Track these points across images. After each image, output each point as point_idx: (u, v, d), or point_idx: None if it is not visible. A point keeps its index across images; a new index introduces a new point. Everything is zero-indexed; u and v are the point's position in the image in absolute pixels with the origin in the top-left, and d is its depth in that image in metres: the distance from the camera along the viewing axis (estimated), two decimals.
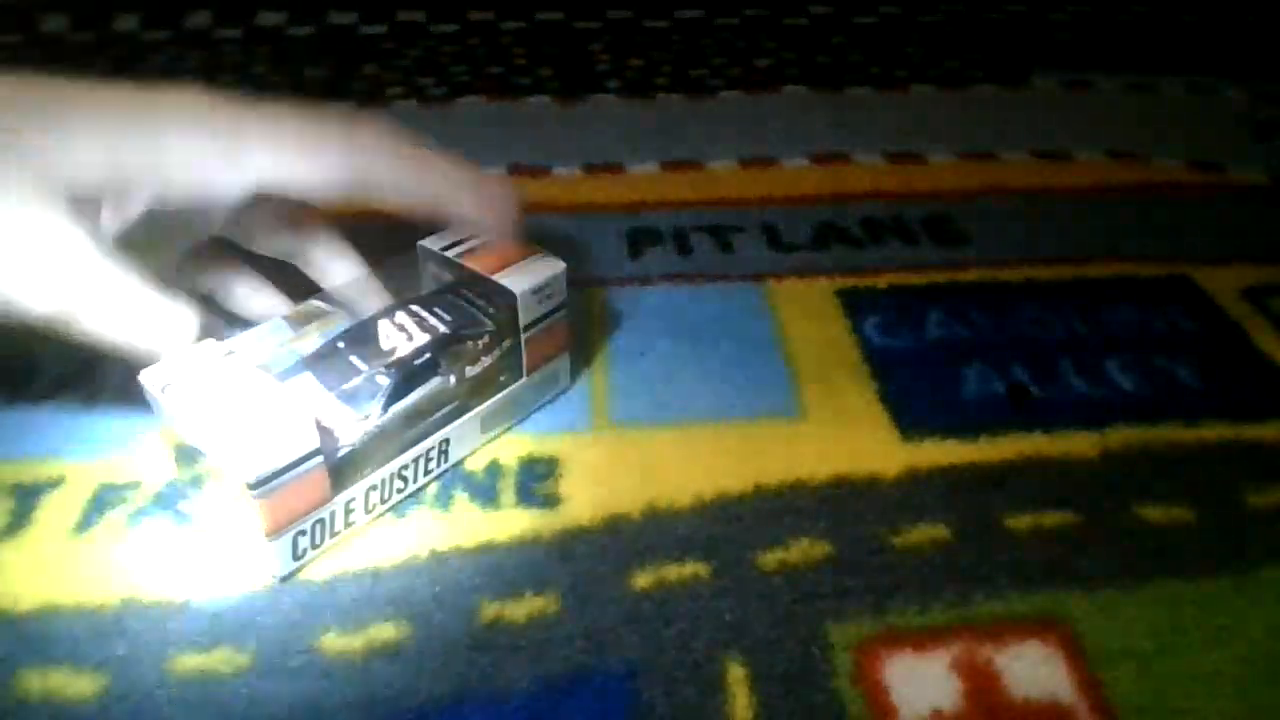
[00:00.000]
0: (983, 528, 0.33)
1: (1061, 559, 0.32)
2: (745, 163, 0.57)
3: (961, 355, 0.41)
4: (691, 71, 0.69)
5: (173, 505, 0.34)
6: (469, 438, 0.36)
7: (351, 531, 0.33)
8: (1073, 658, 0.29)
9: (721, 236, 0.49)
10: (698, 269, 0.47)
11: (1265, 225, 0.51)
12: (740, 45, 0.73)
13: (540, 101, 0.64)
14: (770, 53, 0.72)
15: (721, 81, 0.67)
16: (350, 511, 0.32)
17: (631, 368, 0.40)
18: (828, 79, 0.67)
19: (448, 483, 0.35)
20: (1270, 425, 0.38)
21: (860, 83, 0.67)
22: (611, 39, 0.74)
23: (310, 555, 0.31)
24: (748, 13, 0.79)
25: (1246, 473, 0.36)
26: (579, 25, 0.76)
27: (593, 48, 0.73)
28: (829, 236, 0.50)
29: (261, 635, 0.29)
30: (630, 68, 0.69)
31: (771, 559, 0.32)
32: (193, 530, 0.33)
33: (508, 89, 0.66)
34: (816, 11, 0.79)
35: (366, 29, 0.75)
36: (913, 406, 0.38)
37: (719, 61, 0.70)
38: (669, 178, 0.55)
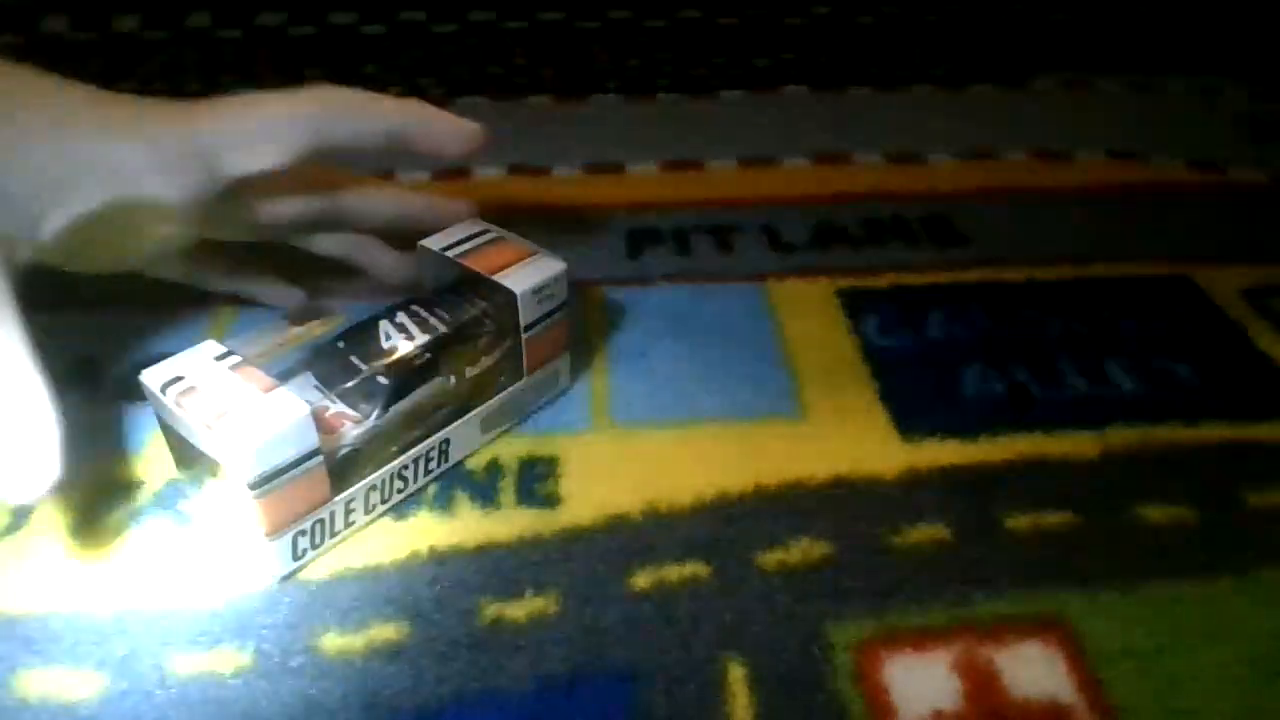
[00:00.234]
0: (983, 528, 0.33)
1: (1061, 559, 0.32)
2: (745, 163, 0.57)
3: (961, 355, 0.41)
4: (691, 71, 0.69)
5: (173, 505, 0.34)
6: (469, 438, 0.36)
7: (351, 531, 0.33)
8: (1073, 658, 0.29)
9: (721, 236, 0.49)
10: (698, 269, 0.47)
11: (1265, 225, 0.51)
12: (740, 45, 0.73)
13: (540, 101, 0.64)
14: (770, 53, 0.72)
15: (721, 81, 0.67)
16: (350, 511, 0.32)
17: (631, 368, 0.40)
18: (828, 79, 0.67)
19: (448, 483, 0.35)
20: (1270, 425, 0.38)
21: (860, 83, 0.67)
22: (611, 39, 0.74)
23: (310, 555, 0.31)
24: (748, 13, 0.78)
25: (1246, 473, 0.36)
26: (579, 25, 0.76)
27: (593, 48, 0.73)
28: (829, 236, 0.49)
29: (261, 635, 0.29)
30: (630, 68, 0.69)
31: (771, 559, 0.32)
32: (193, 530, 0.33)
33: (508, 89, 0.66)
34: (816, 11, 0.79)
35: (366, 29, 0.75)
36: (913, 406, 0.38)
37: (719, 61, 0.70)
38: (669, 178, 0.55)
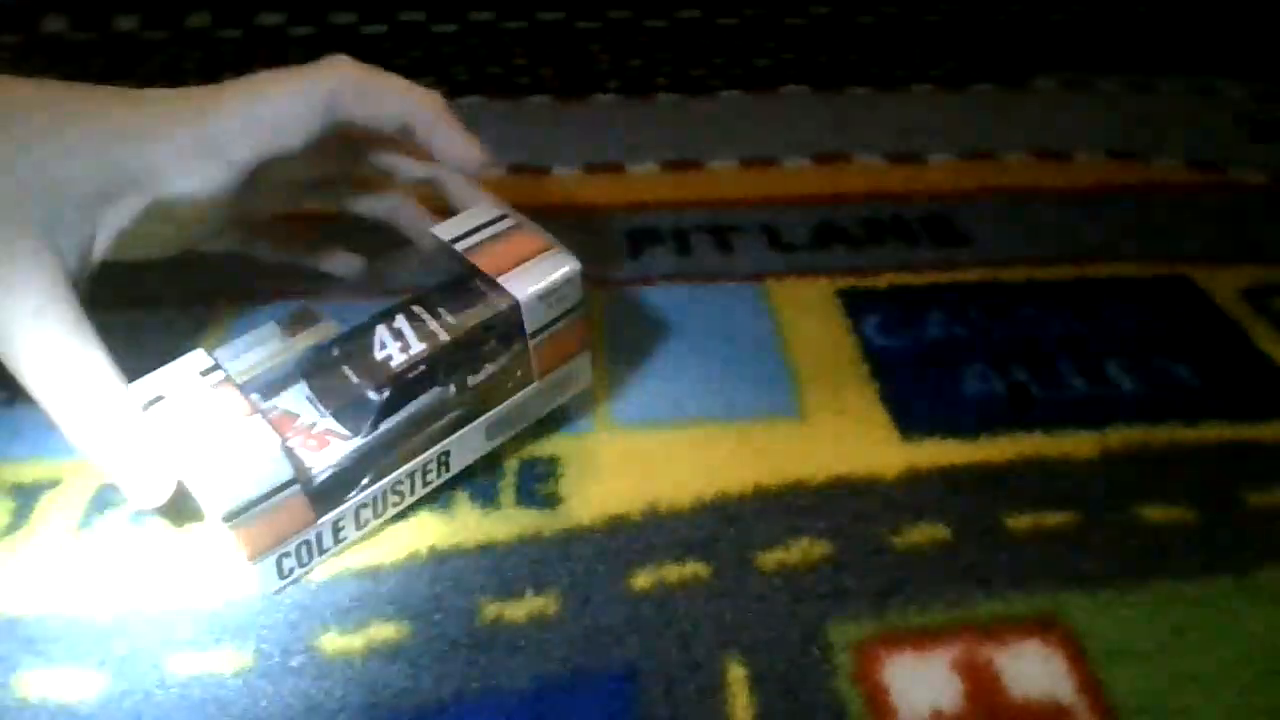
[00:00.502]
0: (983, 528, 0.33)
1: (1061, 559, 0.32)
2: (745, 163, 0.57)
3: (961, 355, 0.41)
4: (691, 71, 0.69)
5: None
6: (472, 447, 0.34)
7: (344, 546, 0.32)
8: (1073, 658, 0.29)
9: (721, 236, 0.49)
10: (698, 269, 0.47)
11: (1265, 225, 0.51)
12: (740, 45, 0.73)
13: (540, 101, 0.64)
14: (770, 53, 0.72)
15: (721, 81, 0.67)
16: (340, 529, 0.31)
17: (631, 368, 0.40)
18: (828, 79, 0.67)
19: (448, 483, 0.35)
20: (1270, 425, 0.38)
21: (860, 83, 0.67)
22: (611, 39, 0.74)
23: (299, 573, 0.31)
24: (748, 13, 0.78)
25: (1246, 473, 0.36)
26: (579, 25, 0.76)
27: (593, 48, 0.72)
28: (829, 236, 0.49)
29: (261, 635, 0.29)
30: (630, 68, 0.69)
31: (771, 559, 0.32)
32: (193, 530, 0.33)
33: (508, 89, 0.66)
34: (816, 11, 0.79)
35: (366, 29, 0.74)
36: (913, 406, 0.38)
37: (719, 61, 0.70)
38: (669, 178, 0.55)
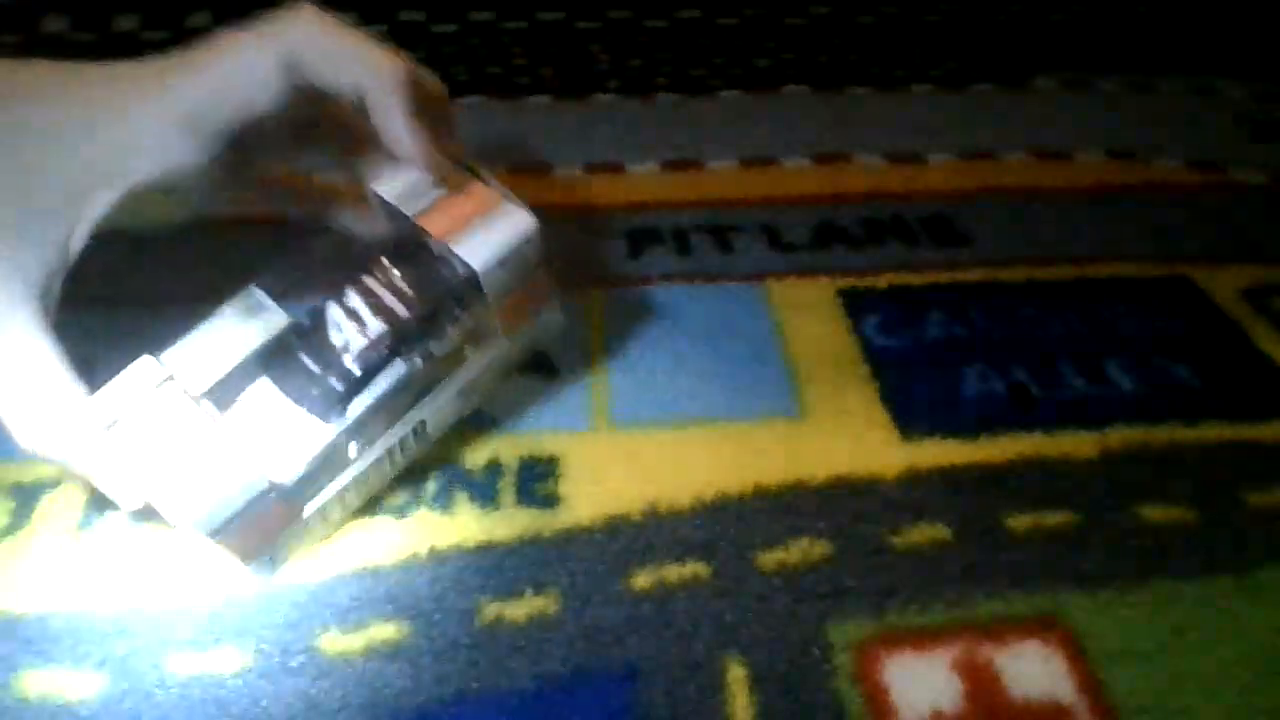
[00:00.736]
0: (983, 528, 0.33)
1: (1061, 559, 0.32)
2: (745, 163, 0.57)
3: (961, 355, 0.41)
4: (691, 71, 0.69)
5: None
6: (447, 412, 0.34)
7: (334, 528, 0.32)
8: (1073, 658, 0.29)
9: (721, 236, 0.49)
10: (698, 269, 0.47)
11: (1265, 225, 0.51)
12: (740, 45, 0.73)
13: (540, 101, 0.64)
14: (770, 53, 0.72)
15: (721, 81, 0.67)
16: (326, 514, 0.32)
17: (631, 368, 0.40)
18: (828, 79, 0.67)
19: (447, 482, 0.35)
20: (1270, 425, 0.38)
21: (860, 83, 0.67)
22: (611, 39, 0.74)
23: (290, 559, 0.31)
24: (748, 13, 0.78)
25: (1246, 473, 0.36)
26: (579, 25, 0.76)
27: (593, 48, 0.72)
28: (829, 236, 0.49)
29: (261, 635, 0.29)
30: (630, 68, 0.69)
31: (771, 559, 0.32)
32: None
33: (508, 89, 0.66)
34: (816, 11, 0.79)
35: (366, 29, 0.74)
36: (913, 406, 0.38)
37: (719, 61, 0.70)
38: (669, 178, 0.55)
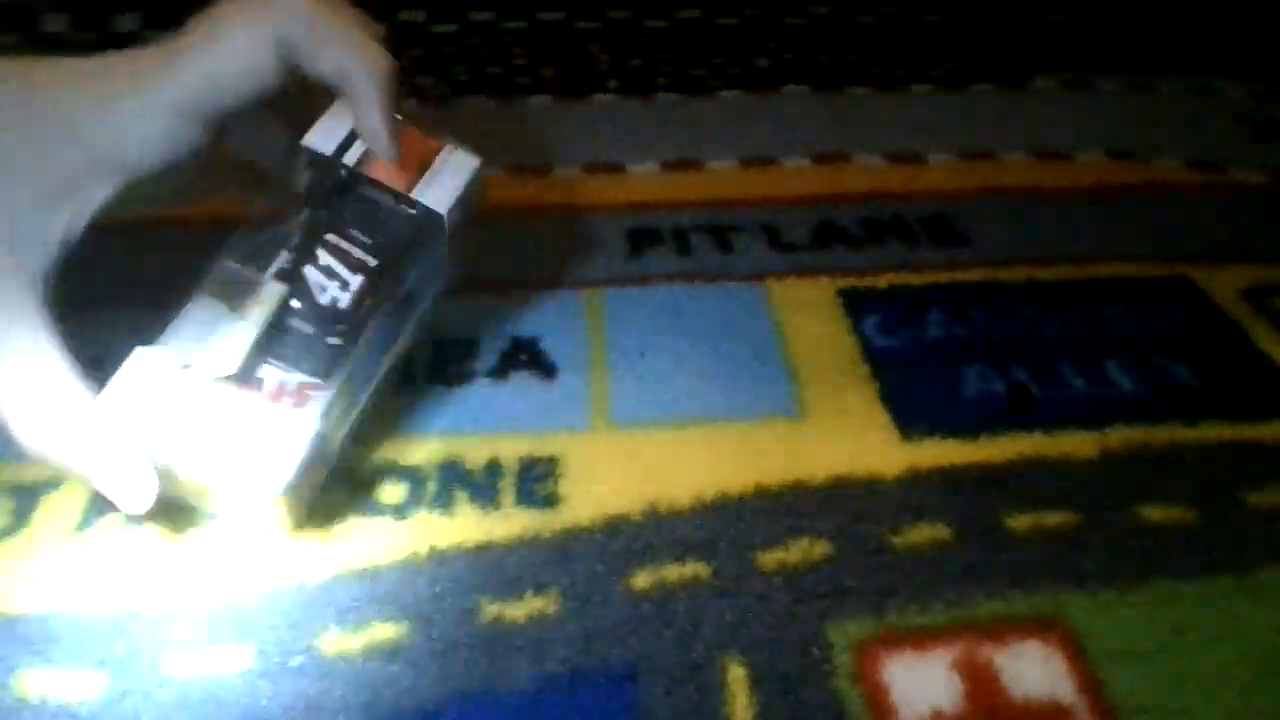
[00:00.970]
0: (983, 528, 0.33)
1: (1061, 559, 0.32)
2: (745, 163, 0.57)
3: (961, 355, 0.41)
4: (691, 71, 0.69)
5: (173, 505, 0.34)
6: (410, 343, 0.37)
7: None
8: (1073, 658, 0.29)
9: (721, 236, 0.49)
10: (698, 269, 0.47)
11: (1265, 225, 0.51)
12: (740, 45, 0.73)
13: (540, 101, 0.64)
14: (770, 53, 0.72)
15: (721, 81, 0.67)
16: (329, 459, 0.33)
17: (631, 368, 0.40)
18: (828, 79, 0.67)
19: (447, 483, 0.35)
20: (1270, 425, 0.38)
21: (860, 83, 0.67)
22: (611, 39, 0.74)
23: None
24: (748, 13, 0.78)
25: (1246, 473, 0.36)
26: (579, 25, 0.76)
27: (593, 48, 0.72)
28: (829, 236, 0.49)
29: (261, 635, 0.29)
30: (630, 68, 0.69)
31: (771, 559, 0.32)
32: (193, 530, 0.33)
33: (508, 89, 0.66)
34: (816, 11, 0.79)
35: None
36: (913, 406, 0.38)
37: (719, 61, 0.70)
38: (669, 178, 0.55)
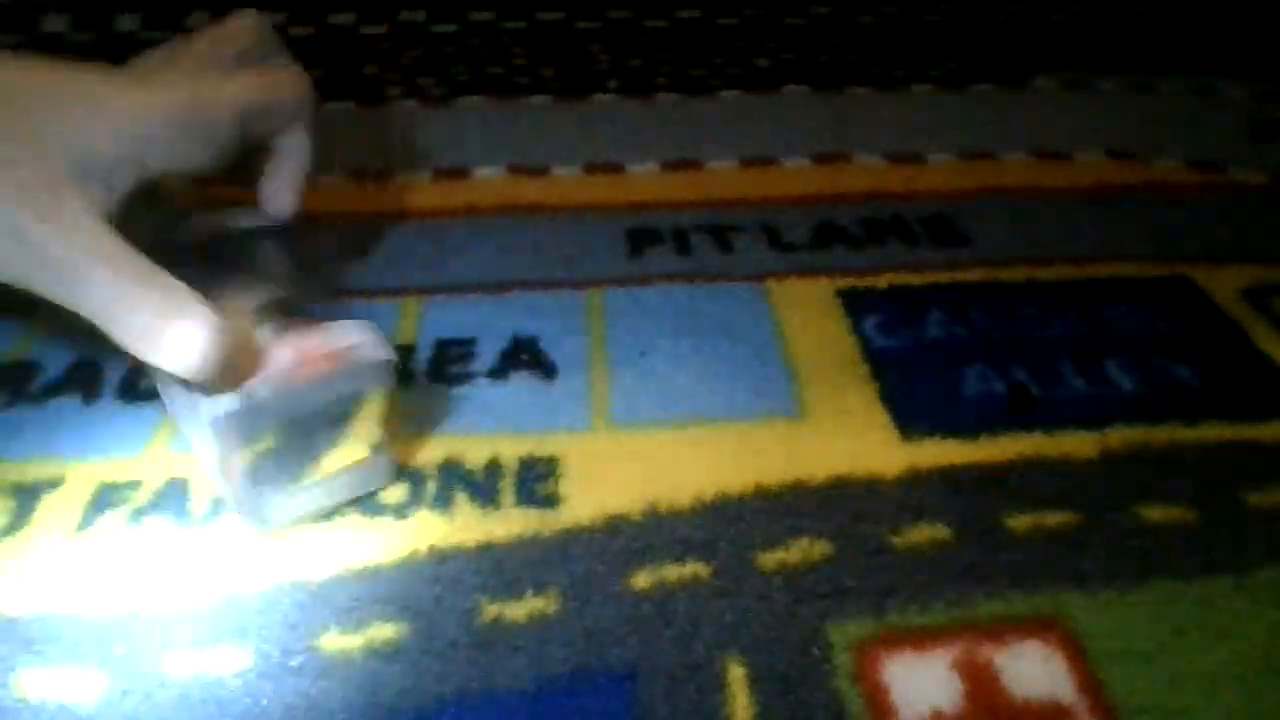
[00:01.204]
0: (983, 528, 0.33)
1: (1061, 559, 0.32)
2: (745, 163, 0.57)
3: (961, 355, 0.41)
4: (691, 71, 0.69)
5: (173, 505, 0.34)
6: None
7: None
8: (1073, 658, 0.29)
9: (721, 236, 0.49)
10: (698, 269, 0.47)
11: (1265, 225, 0.51)
12: (740, 45, 0.73)
13: (540, 101, 0.64)
14: (770, 53, 0.72)
15: (721, 81, 0.67)
16: None
17: (631, 368, 0.40)
18: (828, 79, 0.67)
19: (447, 483, 0.35)
20: (1270, 425, 0.38)
21: (860, 83, 0.67)
22: (611, 39, 0.74)
23: None
24: (748, 13, 0.78)
25: (1246, 473, 0.36)
26: (579, 25, 0.76)
27: (593, 48, 0.73)
28: (829, 236, 0.49)
29: (261, 635, 0.29)
30: (630, 68, 0.69)
31: (771, 559, 0.32)
32: (193, 530, 0.33)
33: (508, 89, 0.66)
34: (816, 11, 0.79)
35: (366, 29, 0.75)
36: (913, 406, 0.38)
37: (719, 61, 0.70)
38: (669, 178, 0.55)
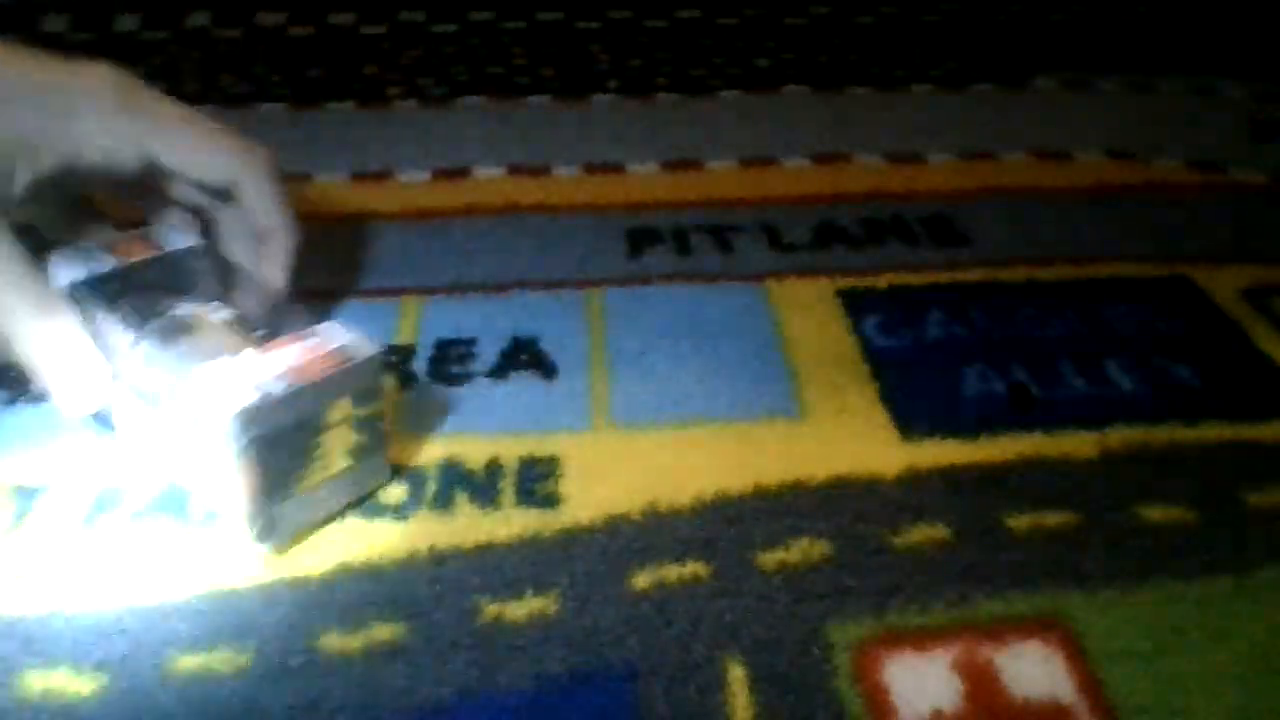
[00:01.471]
0: (983, 528, 0.33)
1: (1061, 559, 0.32)
2: (745, 163, 0.57)
3: (961, 355, 0.41)
4: (691, 71, 0.69)
5: (173, 505, 0.34)
6: None
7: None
8: (1073, 658, 0.29)
9: (721, 236, 0.49)
10: (698, 269, 0.47)
11: (1265, 225, 0.51)
12: (740, 45, 0.73)
13: (540, 101, 0.64)
14: (770, 53, 0.72)
15: (721, 81, 0.67)
16: None
17: (631, 368, 0.40)
18: (828, 79, 0.67)
19: (448, 483, 0.35)
20: (1270, 425, 0.38)
21: (860, 83, 0.67)
22: (611, 39, 0.74)
23: None
24: (748, 13, 0.79)
25: (1246, 473, 0.36)
26: (579, 25, 0.76)
27: (593, 48, 0.73)
28: (829, 236, 0.49)
29: (261, 635, 0.29)
30: (630, 68, 0.69)
31: (771, 559, 0.32)
32: (193, 530, 0.33)
33: (508, 89, 0.66)
34: (816, 11, 0.79)
35: (366, 29, 0.75)
36: (913, 406, 0.38)
37: (719, 61, 0.70)
38: (669, 178, 0.55)
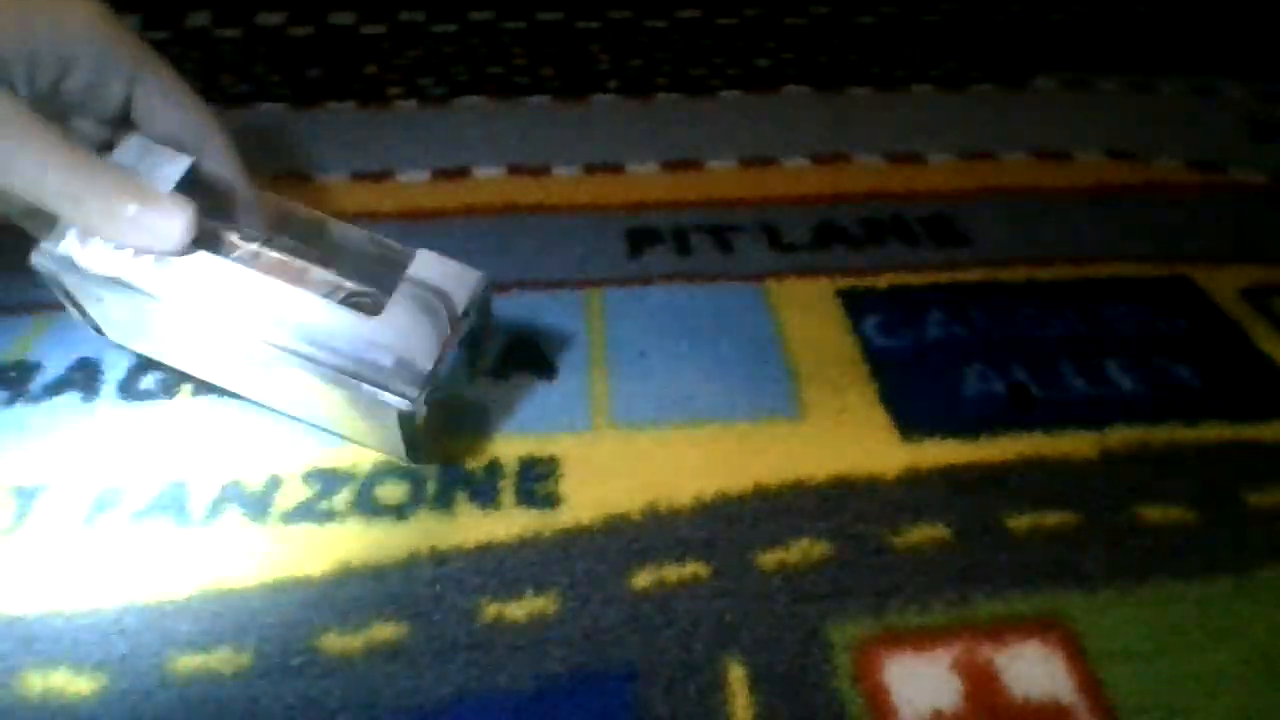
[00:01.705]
0: (983, 528, 0.33)
1: (1061, 559, 0.32)
2: (745, 163, 0.57)
3: (961, 355, 0.41)
4: (691, 71, 0.69)
5: (173, 505, 0.34)
6: None
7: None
8: (1073, 658, 0.29)
9: (721, 236, 0.49)
10: (698, 269, 0.47)
11: (1265, 225, 0.51)
12: (740, 45, 0.73)
13: (540, 101, 0.64)
14: (770, 53, 0.72)
15: (721, 81, 0.67)
16: None
17: (631, 368, 0.40)
18: (828, 79, 0.67)
19: (448, 483, 0.35)
20: (1270, 425, 0.38)
21: (860, 83, 0.67)
22: (611, 39, 0.74)
23: None
24: (748, 13, 0.78)
25: (1246, 473, 0.36)
26: (579, 25, 0.76)
27: (593, 48, 0.73)
28: (829, 236, 0.49)
29: (261, 635, 0.29)
30: (630, 68, 0.69)
31: (771, 559, 0.32)
32: (192, 530, 0.33)
33: (508, 89, 0.66)
34: (816, 11, 0.79)
35: (366, 29, 0.75)
36: (913, 406, 0.38)
37: (719, 61, 0.70)
38: (669, 178, 0.55)
